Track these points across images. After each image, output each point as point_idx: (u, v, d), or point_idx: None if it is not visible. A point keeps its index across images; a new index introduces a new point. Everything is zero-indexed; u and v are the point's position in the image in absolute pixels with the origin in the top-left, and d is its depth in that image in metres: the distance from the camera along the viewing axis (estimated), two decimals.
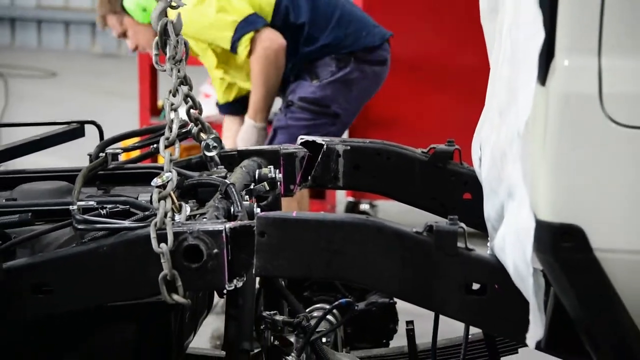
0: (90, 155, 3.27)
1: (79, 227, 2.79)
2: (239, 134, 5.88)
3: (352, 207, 6.64)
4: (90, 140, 3.35)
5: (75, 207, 2.83)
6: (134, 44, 6.11)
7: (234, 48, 5.63)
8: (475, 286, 2.74)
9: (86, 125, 3.51)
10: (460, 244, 2.71)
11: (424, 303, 2.80)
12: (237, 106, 6.25)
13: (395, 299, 3.29)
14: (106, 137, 3.37)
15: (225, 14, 5.54)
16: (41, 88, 10.65)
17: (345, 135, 6.44)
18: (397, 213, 4.27)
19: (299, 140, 3.58)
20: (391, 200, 3.78)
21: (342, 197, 6.56)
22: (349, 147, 3.55)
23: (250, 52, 5.58)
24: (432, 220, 2.74)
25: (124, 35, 6.05)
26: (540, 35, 2.38)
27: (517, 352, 3.28)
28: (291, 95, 5.71)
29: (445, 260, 2.72)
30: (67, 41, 13.55)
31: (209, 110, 6.50)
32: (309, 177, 3.50)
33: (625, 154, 2.41)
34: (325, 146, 3.51)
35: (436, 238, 2.70)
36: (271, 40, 5.67)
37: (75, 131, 3.47)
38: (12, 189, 3.35)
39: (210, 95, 7.13)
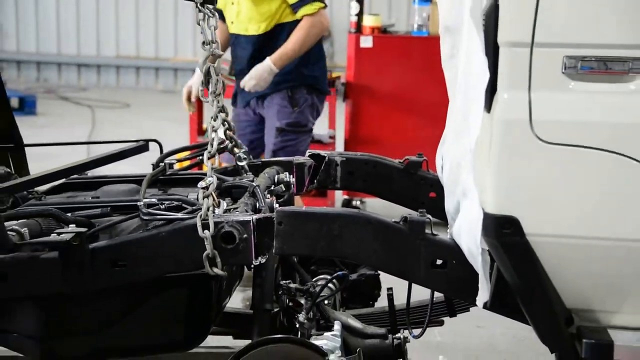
0: (153, 164, 3.30)
1: (144, 218, 2.94)
2: (255, 68, 5.31)
3: (347, 203, 6.64)
4: (152, 154, 3.36)
5: (141, 203, 2.99)
6: None
7: (301, 3, 5.33)
8: (439, 262, 2.87)
9: (150, 142, 3.49)
10: (427, 231, 2.85)
11: (400, 274, 2.94)
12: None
13: (379, 272, 3.26)
14: (165, 151, 3.36)
15: None
16: (118, 116, 10.69)
17: (341, 149, 6.36)
18: (380, 207, 4.29)
19: (307, 154, 3.69)
20: (376, 198, 3.95)
21: (339, 196, 6.54)
22: (344, 158, 3.70)
23: (308, 15, 5.34)
24: (406, 213, 2.92)
25: None
26: (486, 76, 2.55)
27: (469, 310, 3.29)
28: (278, 121, 5.40)
29: (416, 243, 2.84)
30: (138, 81, 13.61)
31: None
32: (315, 181, 3.59)
33: (548, 163, 2.55)
34: (327, 158, 3.69)
35: (409, 226, 2.83)
36: (327, 20, 5.53)
37: (141, 147, 3.58)
38: (96, 190, 3.44)
39: None
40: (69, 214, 3.07)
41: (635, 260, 2.51)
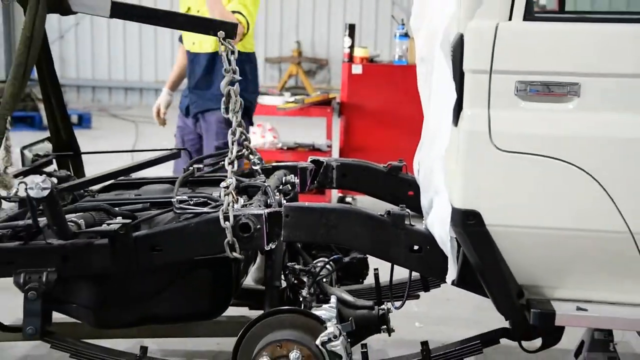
0: (184, 168, 3.27)
1: (177, 211, 2.95)
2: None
3: (341, 200, 6.60)
4: (183, 160, 3.35)
5: (175, 199, 2.98)
6: None
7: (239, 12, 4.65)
8: (416, 247, 2.87)
9: (181, 151, 3.52)
10: (406, 222, 2.84)
11: (384, 257, 2.94)
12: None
13: (367, 255, 3.25)
14: (193, 158, 3.37)
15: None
16: (156, 130, 10.56)
17: (337, 156, 6.35)
18: (369, 203, 4.29)
19: (309, 159, 3.66)
20: (365, 195, 3.94)
21: (335, 194, 6.53)
22: (339, 163, 3.70)
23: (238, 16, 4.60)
24: (389, 208, 2.90)
25: None
26: (454, 96, 2.56)
27: (439, 287, 3.27)
28: (216, 141, 4.75)
29: (397, 232, 2.84)
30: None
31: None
32: (315, 181, 3.53)
33: (504, 168, 2.54)
34: (325, 163, 3.67)
35: (392, 218, 2.84)
36: (241, 34, 4.55)
37: (175, 154, 3.52)
38: (138, 189, 3.45)
39: (261, 125, 7.07)
40: (117, 209, 3.08)
41: (572, 245, 2.51)
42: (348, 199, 6.57)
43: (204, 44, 4.78)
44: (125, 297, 2.96)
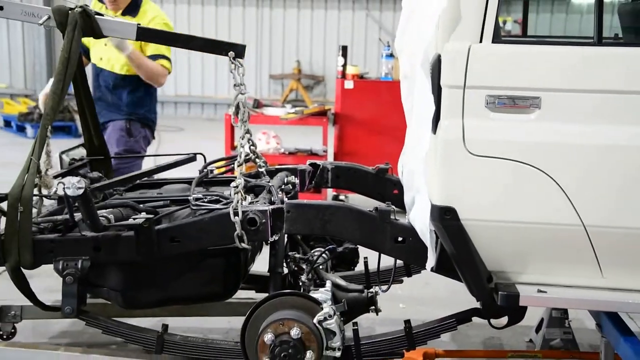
0: (199, 170, 3.24)
1: (193, 208, 2.95)
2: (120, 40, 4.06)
3: (335, 198, 6.59)
4: (199, 163, 3.35)
5: (191, 197, 2.99)
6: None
7: (160, 57, 4.33)
8: (400, 239, 2.87)
9: (197, 155, 3.50)
10: (392, 217, 2.85)
11: (373, 247, 2.94)
12: None
13: (358, 246, 3.25)
14: (208, 161, 3.35)
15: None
16: (175, 136, 10.57)
17: (331, 159, 6.35)
18: (359, 201, 4.29)
19: (308, 162, 3.65)
20: (356, 194, 3.93)
21: (330, 192, 6.53)
22: (334, 166, 3.70)
23: (162, 65, 4.29)
24: (377, 205, 2.91)
25: None
26: (433, 108, 2.55)
27: (420, 273, 3.29)
28: (117, 147, 4.33)
29: (384, 225, 2.84)
30: (189, 112, 13.52)
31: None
32: (313, 182, 3.51)
33: (476, 169, 2.53)
34: (321, 166, 3.66)
35: (379, 214, 2.84)
36: (164, 81, 4.41)
37: (191, 158, 3.52)
38: (159, 188, 3.42)
39: (266, 133, 7.01)
40: (141, 205, 3.09)
41: (533, 236, 2.52)
42: (341, 197, 6.56)
43: (115, 64, 4.39)
44: (149, 282, 2.96)
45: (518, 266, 2.61)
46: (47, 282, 3.32)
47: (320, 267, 3.13)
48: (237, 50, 2.94)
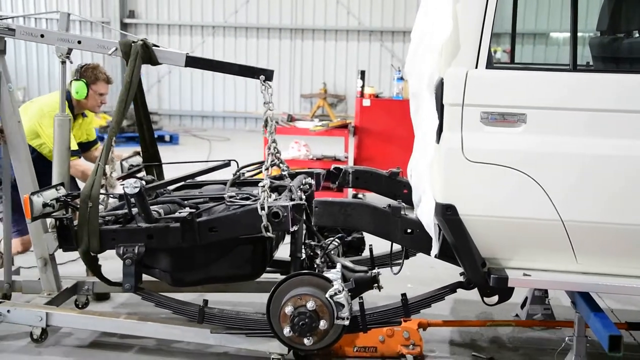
0: (234, 173, 3.32)
1: (228, 204, 2.94)
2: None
3: (355, 196, 6.55)
4: (233, 167, 3.35)
5: (226, 195, 2.98)
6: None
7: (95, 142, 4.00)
8: (409, 230, 2.84)
9: (231, 161, 3.52)
10: (402, 212, 2.83)
11: (386, 238, 2.91)
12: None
13: (364, 234, 3.30)
14: (240, 166, 3.44)
15: None
16: (222, 146, 10.59)
17: (352, 164, 6.31)
18: (376, 200, 4.25)
19: (332, 167, 3.59)
20: (372, 193, 3.85)
21: (350, 192, 6.50)
22: (353, 170, 3.66)
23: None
24: (390, 202, 2.88)
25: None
26: (436, 122, 2.53)
27: (415, 255, 3.26)
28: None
29: (395, 219, 2.82)
30: (235, 125, 13.53)
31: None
32: (337, 183, 3.46)
33: (472, 174, 2.52)
34: (343, 169, 3.60)
35: (392, 210, 2.83)
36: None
37: (228, 163, 3.48)
38: (200, 188, 3.44)
39: (298, 142, 6.88)
40: (185, 202, 3.08)
41: (520, 229, 2.49)
42: (360, 196, 6.54)
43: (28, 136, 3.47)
44: (192, 264, 2.95)
45: (507, 254, 2.58)
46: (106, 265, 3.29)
47: (332, 252, 3.10)
48: (267, 74, 2.95)
